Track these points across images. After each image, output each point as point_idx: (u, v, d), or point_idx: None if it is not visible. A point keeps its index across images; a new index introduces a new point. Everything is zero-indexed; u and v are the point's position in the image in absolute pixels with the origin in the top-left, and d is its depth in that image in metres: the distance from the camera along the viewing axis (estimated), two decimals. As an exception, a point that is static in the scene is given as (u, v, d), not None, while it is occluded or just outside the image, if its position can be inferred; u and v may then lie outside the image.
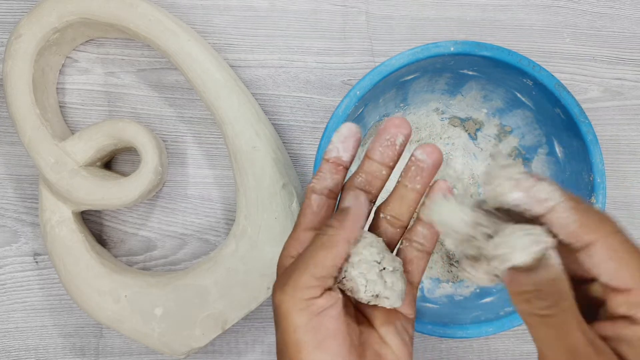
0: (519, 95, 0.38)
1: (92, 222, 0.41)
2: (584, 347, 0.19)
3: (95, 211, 0.41)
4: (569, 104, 0.34)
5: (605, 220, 0.20)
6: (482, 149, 0.42)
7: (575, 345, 0.19)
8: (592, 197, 0.35)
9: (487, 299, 0.38)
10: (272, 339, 0.42)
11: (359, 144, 0.27)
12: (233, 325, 0.39)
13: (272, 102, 0.42)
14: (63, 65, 0.41)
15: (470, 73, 0.37)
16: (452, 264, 0.41)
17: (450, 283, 0.41)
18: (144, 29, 0.37)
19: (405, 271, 0.27)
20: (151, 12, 0.37)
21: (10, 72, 0.37)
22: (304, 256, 0.24)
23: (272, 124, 0.41)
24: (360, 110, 0.36)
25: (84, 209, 0.39)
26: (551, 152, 0.39)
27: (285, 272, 0.24)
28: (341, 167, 0.27)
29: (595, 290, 0.22)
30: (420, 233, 0.27)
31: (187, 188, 0.42)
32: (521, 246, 0.20)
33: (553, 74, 0.34)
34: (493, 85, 0.38)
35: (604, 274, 0.20)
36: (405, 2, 0.43)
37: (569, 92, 0.34)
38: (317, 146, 0.34)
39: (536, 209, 0.20)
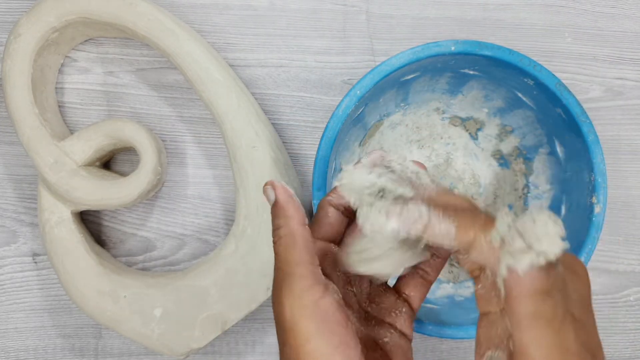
0: (520, 94, 0.38)
1: (91, 223, 0.41)
2: (575, 346, 0.18)
3: (94, 211, 0.41)
4: (570, 104, 0.34)
5: (476, 215, 0.20)
6: (483, 149, 0.42)
7: (567, 344, 0.18)
8: (593, 197, 0.35)
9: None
10: (272, 339, 0.41)
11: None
12: (233, 326, 0.39)
13: (271, 101, 0.42)
14: (62, 65, 0.41)
15: (471, 72, 0.37)
16: (452, 264, 0.41)
17: (451, 283, 0.40)
18: (143, 28, 0.37)
19: (407, 295, 0.27)
20: (150, 11, 0.37)
21: (10, 72, 0.37)
22: (282, 269, 0.23)
23: (272, 123, 0.41)
24: (361, 109, 0.36)
25: (83, 209, 0.38)
26: (552, 152, 0.39)
27: (277, 283, 0.23)
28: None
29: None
30: (427, 261, 0.27)
31: (187, 188, 0.41)
32: (553, 236, 0.17)
33: (554, 73, 0.34)
34: (494, 85, 0.38)
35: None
36: (406, 1, 0.43)
37: (570, 91, 0.34)
38: (317, 146, 0.34)
39: (414, 232, 0.20)
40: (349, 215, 0.27)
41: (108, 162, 0.41)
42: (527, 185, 0.41)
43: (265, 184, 0.24)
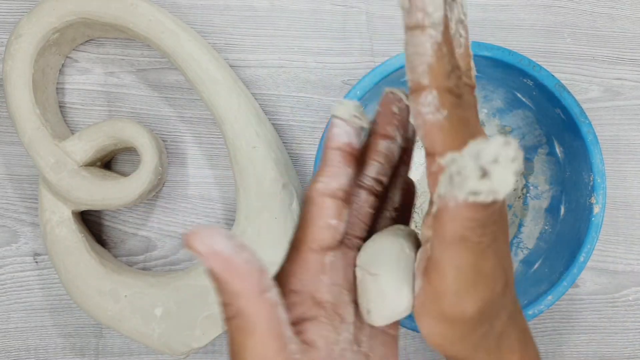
0: (519, 95, 0.38)
1: (92, 222, 0.41)
2: (490, 270, 0.18)
3: (95, 211, 0.41)
4: (569, 104, 0.34)
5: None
6: (482, 149, 0.42)
7: (485, 268, 0.17)
8: (592, 197, 0.35)
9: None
10: (272, 339, 0.42)
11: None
12: (233, 326, 0.39)
13: (272, 102, 0.42)
14: (63, 65, 0.41)
15: (471, 73, 0.37)
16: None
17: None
18: (143, 29, 0.37)
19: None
20: (151, 12, 0.37)
21: (10, 72, 0.37)
22: None
23: (272, 124, 0.41)
24: (361, 110, 0.36)
25: (84, 209, 0.39)
26: (551, 152, 0.39)
27: None
28: (353, 157, 0.20)
29: None
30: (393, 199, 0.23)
31: (187, 188, 0.42)
32: (509, 175, 0.14)
33: (553, 74, 0.34)
34: (493, 86, 0.38)
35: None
36: (406, 2, 0.43)
37: (569, 92, 0.34)
38: (317, 146, 0.34)
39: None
40: (350, 203, 0.21)
41: (109, 162, 0.42)
42: (526, 186, 0.41)
43: (187, 243, 0.15)
